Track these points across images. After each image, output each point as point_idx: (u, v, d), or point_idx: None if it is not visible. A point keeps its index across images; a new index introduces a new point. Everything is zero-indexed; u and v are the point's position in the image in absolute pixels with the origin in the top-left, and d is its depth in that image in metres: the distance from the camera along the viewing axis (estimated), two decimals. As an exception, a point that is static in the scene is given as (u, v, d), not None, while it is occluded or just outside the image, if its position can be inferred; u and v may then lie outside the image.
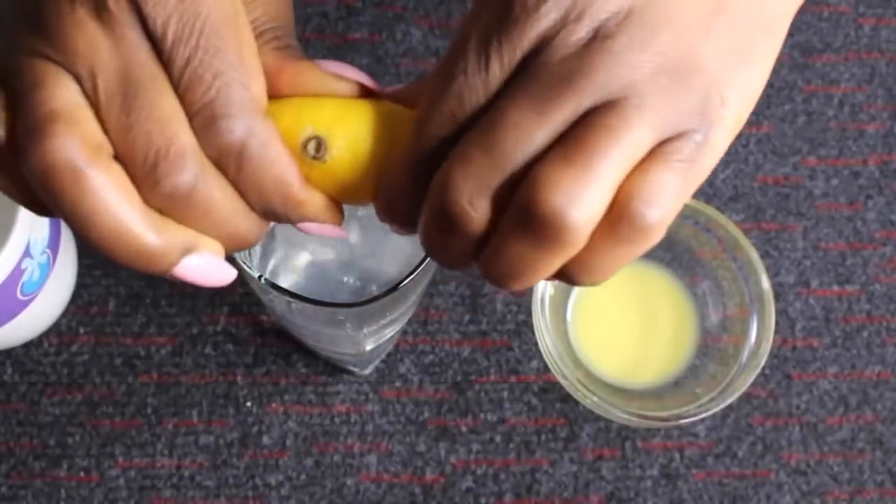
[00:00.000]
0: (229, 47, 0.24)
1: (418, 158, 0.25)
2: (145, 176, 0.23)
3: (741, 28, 0.24)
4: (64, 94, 0.23)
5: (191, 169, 0.24)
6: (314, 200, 0.26)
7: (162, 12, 0.23)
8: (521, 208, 0.22)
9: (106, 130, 0.24)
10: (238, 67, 0.24)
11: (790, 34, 0.57)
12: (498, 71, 0.23)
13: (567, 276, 0.25)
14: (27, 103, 0.23)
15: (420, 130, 0.24)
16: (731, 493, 0.49)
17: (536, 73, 0.23)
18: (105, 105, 0.23)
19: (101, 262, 0.51)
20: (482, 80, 0.23)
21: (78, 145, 0.23)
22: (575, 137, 0.22)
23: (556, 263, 0.24)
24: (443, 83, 0.24)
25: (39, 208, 0.25)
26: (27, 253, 0.42)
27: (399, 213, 0.26)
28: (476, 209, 0.23)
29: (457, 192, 0.23)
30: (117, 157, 0.24)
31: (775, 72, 0.56)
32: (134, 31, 0.23)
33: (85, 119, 0.23)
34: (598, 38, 0.23)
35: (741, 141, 0.55)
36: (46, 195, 0.23)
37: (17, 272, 0.42)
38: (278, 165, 0.25)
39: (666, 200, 0.23)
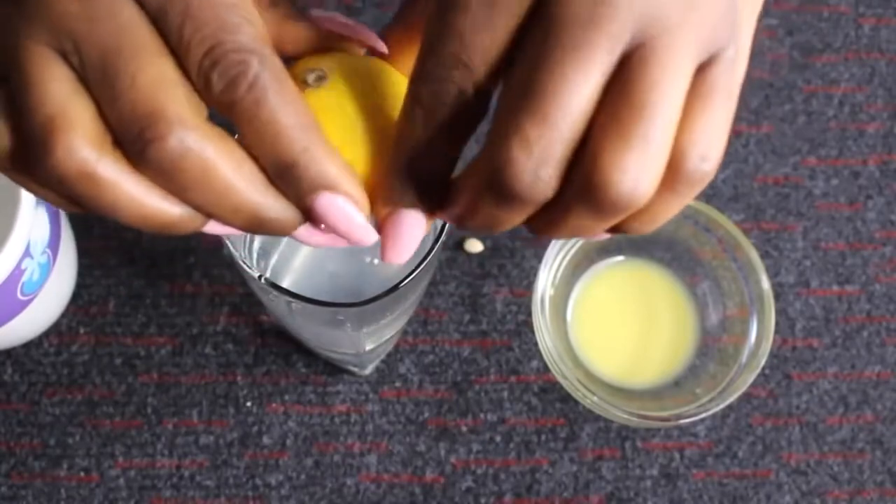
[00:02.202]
0: None
1: (444, 121, 0.23)
2: (133, 148, 0.22)
3: None
4: (56, 88, 0.22)
5: (179, 134, 0.22)
6: (338, 157, 0.24)
7: None
8: (589, 191, 0.22)
9: (99, 107, 0.23)
10: (238, 3, 0.23)
11: (790, 34, 0.57)
12: (509, 22, 0.22)
13: (624, 230, 0.24)
14: (24, 106, 0.23)
15: (433, 93, 0.23)
16: (731, 493, 0.49)
17: (559, 18, 0.21)
18: (92, 79, 0.23)
19: (100, 262, 0.51)
20: (491, 29, 0.22)
21: (81, 147, 0.22)
22: (623, 100, 0.21)
23: (613, 223, 0.23)
24: (440, 39, 0.23)
25: (70, 206, 0.24)
26: (27, 253, 0.42)
27: (423, 178, 0.24)
28: (544, 180, 0.22)
29: (520, 167, 0.22)
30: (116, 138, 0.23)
31: (775, 72, 0.56)
32: None
33: (81, 112, 0.22)
34: None
35: (741, 141, 0.55)
36: (69, 198, 0.23)
37: (17, 272, 0.42)
38: (296, 100, 0.23)
39: (718, 143, 0.22)
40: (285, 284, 0.34)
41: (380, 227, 0.26)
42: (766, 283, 0.47)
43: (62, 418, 0.49)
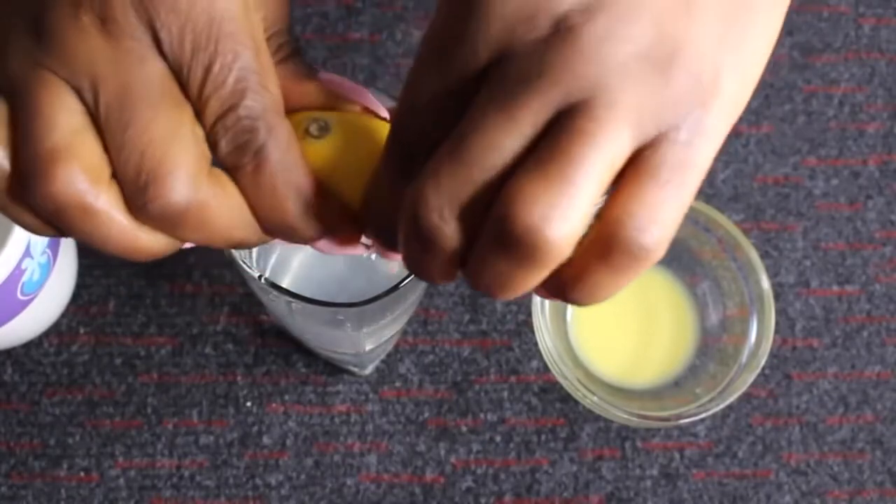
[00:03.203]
0: (247, 50, 0.24)
1: (397, 166, 0.24)
2: (135, 196, 0.23)
3: (727, 6, 0.22)
4: (64, 120, 0.23)
5: (181, 191, 0.23)
6: (331, 208, 0.26)
7: (175, 21, 0.23)
8: (497, 225, 0.21)
9: (105, 145, 0.23)
10: (258, 70, 0.24)
11: (790, 34, 0.57)
12: (456, 80, 0.22)
13: (567, 299, 0.23)
14: (28, 133, 0.23)
15: (392, 139, 0.24)
16: (731, 493, 0.49)
17: (501, 76, 0.22)
18: (104, 119, 0.23)
19: (101, 262, 0.51)
20: (442, 89, 0.22)
21: (81, 180, 0.23)
22: (548, 146, 0.21)
23: (538, 278, 0.22)
24: (405, 94, 0.23)
25: (52, 233, 0.25)
26: (27, 253, 0.42)
27: (382, 224, 0.26)
28: (447, 223, 0.22)
29: (427, 205, 0.22)
30: (115, 174, 0.24)
31: (775, 72, 0.56)
32: (141, 43, 0.23)
33: (86, 146, 0.23)
34: (561, 32, 0.21)
35: (741, 141, 0.55)
36: (59, 228, 0.24)
37: (17, 272, 0.42)
38: (297, 170, 0.25)
39: (662, 219, 0.21)
40: (285, 284, 0.34)
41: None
42: (766, 283, 0.47)
43: (62, 418, 0.49)
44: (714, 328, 0.50)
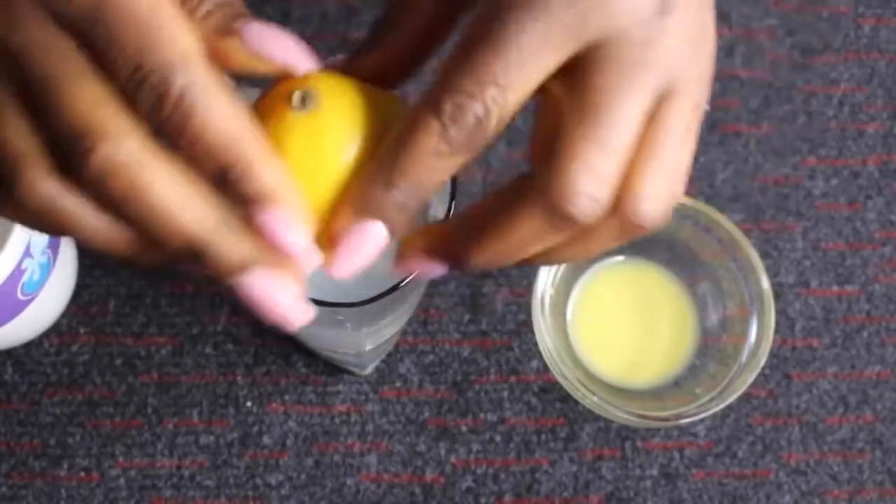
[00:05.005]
0: (142, 5, 0.22)
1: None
2: (73, 165, 0.22)
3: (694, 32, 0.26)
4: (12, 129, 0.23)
5: (108, 148, 0.22)
6: (276, 169, 0.23)
7: None
8: (625, 216, 0.25)
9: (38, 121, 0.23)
10: (163, 24, 0.22)
11: (790, 34, 0.57)
12: (556, 56, 0.24)
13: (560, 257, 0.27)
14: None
15: (456, 89, 0.23)
16: (730, 493, 0.49)
17: (617, 57, 0.24)
18: (31, 105, 0.23)
19: (100, 262, 0.51)
20: (537, 63, 0.24)
21: (42, 185, 0.22)
22: (657, 144, 0.25)
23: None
24: (483, 56, 0.23)
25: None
26: (27, 253, 0.42)
27: (423, 185, 0.24)
28: (600, 202, 0.24)
29: (579, 189, 0.24)
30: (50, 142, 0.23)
31: (775, 72, 0.56)
32: (39, 20, 0.22)
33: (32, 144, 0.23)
34: (664, 12, 0.24)
35: (741, 141, 0.55)
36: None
37: (18, 272, 0.42)
38: (227, 113, 0.22)
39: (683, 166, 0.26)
40: (285, 284, 0.33)
41: (335, 238, 0.25)
42: (765, 283, 0.47)
43: (62, 418, 0.49)
44: (714, 328, 0.50)
